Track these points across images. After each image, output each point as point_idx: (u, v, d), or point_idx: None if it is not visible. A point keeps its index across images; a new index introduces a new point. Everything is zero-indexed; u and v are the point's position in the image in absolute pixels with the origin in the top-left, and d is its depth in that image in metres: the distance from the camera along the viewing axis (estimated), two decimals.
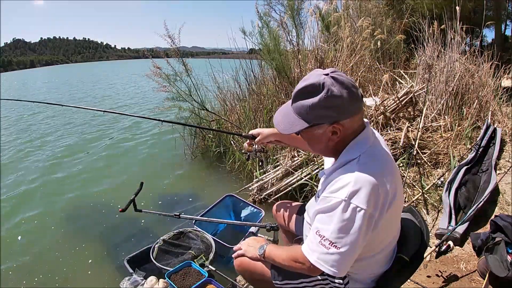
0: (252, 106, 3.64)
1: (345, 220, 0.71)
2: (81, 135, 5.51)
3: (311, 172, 2.55)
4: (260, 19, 3.49)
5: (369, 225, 0.73)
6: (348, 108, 0.74)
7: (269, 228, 1.45)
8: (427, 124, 3.05)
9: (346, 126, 0.76)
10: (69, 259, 2.16)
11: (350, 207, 0.71)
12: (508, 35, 8.45)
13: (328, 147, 0.81)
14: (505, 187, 2.25)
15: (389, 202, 0.75)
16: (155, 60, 3.45)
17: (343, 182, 0.73)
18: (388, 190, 0.74)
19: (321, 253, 0.75)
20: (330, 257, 0.74)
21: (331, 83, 0.72)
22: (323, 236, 0.74)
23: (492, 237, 1.55)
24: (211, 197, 2.82)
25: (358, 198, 0.70)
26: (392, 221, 0.82)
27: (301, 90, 0.76)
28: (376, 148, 0.80)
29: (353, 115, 0.76)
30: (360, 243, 0.73)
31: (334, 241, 0.73)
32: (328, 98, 0.72)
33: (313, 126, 0.77)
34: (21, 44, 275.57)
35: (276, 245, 1.02)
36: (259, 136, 1.24)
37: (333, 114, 0.74)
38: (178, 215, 1.58)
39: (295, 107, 0.78)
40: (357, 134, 0.79)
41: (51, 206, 2.98)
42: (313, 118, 0.76)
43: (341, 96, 0.72)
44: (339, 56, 3.59)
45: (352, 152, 0.78)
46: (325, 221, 0.75)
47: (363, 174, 0.72)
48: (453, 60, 3.36)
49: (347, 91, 0.72)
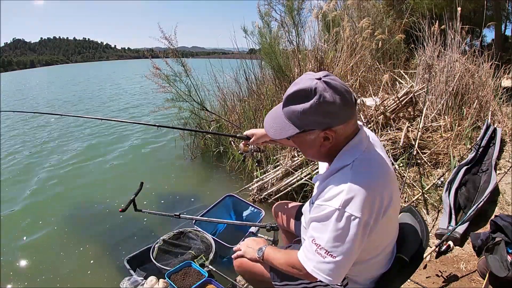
0: (252, 106, 3.64)
1: (340, 229, 0.70)
2: (81, 136, 5.51)
3: (311, 172, 2.55)
4: (261, 19, 3.50)
5: (364, 233, 0.71)
6: (341, 114, 0.72)
7: (269, 228, 1.45)
8: (427, 124, 3.05)
9: (339, 132, 0.74)
10: (69, 259, 2.17)
11: (345, 216, 0.69)
12: (508, 35, 8.46)
13: (320, 152, 0.79)
14: (505, 187, 2.25)
15: (385, 207, 0.74)
16: (154, 60, 3.44)
17: (336, 190, 0.72)
18: (383, 195, 0.73)
19: (317, 262, 0.74)
20: (326, 266, 0.73)
21: (323, 89, 0.69)
22: (319, 245, 0.73)
23: (492, 237, 1.55)
24: (211, 197, 2.82)
25: (352, 206, 0.69)
26: (388, 225, 0.81)
27: (292, 94, 0.73)
28: (371, 152, 0.78)
29: (346, 121, 0.73)
30: (356, 251, 0.73)
31: (329, 250, 0.72)
32: (320, 104, 0.69)
33: (304, 132, 0.74)
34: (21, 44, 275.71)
35: (275, 247, 1.01)
36: (253, 137, 1.25)
37: (325, 120, 0.71)
38: (178, 215, 1.58)
39: (286, 112, 0.75)
40: (351, 138, 0.77)
41: (51, 206, 2.98)
42: (304, 124, 0.73)
43: (334, 102, 0.69)
44: (339, 56, 3.59)
45: (346, 158, 0.76)
46: (320, 230, 0.73)
47: (357, 181, 0.70)
48: (453, 60, 3.36)
49: (340, 96, 0.70)
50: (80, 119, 6.81)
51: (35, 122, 6.87)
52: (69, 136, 5.55)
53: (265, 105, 3.51)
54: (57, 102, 10.26)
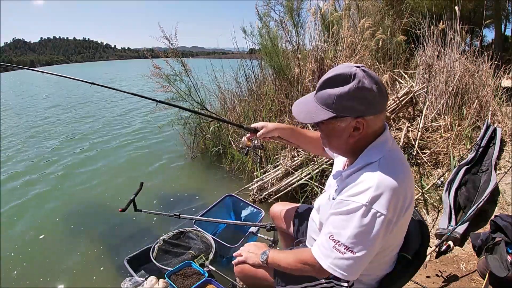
0: (252, 106, 3.64)
1: (364, 225, 0.69)
2: (81, 136, 5.51)
3: (311, 172, 2.55)
4: (260, 19, 3.50)
5: (386, 231, 0.71)
6: (376, 104, 0.72)
7: (269, 228, 1.45)
8: (427, 124, 3.05)
9: (369, 124, 0.73)
10: (69, 259, 2.16)
11: (371, 213, 0.68)
12: (508, 35, 8.45)
13: (347, 144, 0.77)
14: (505, 187, 2.25)
15: (406, 207, 0.74)
16: (155, 60, 3.44)
17: (364, 186, 0.71)
18: (406, 195, 0.73)
19: (335, 258, 0.73)
20: (345, 262, 0.72)
21: (362, 75, 0.70)
22: (338, 241, 0.72)
23: (492, 237, 1.55)
24: (211, 197, 2.82)
25: (380, 203, 0.68)
26: (404, 225, 0.81)
27: (330, 78, 0.73)
28: (395, 152, 0.77)
29: (379, 112, 0.74)
30: (376, 249, 0.72)
31: (349, 246, 0.71)
32: (358, 89, 0.69)
33: (336, 118, 0.73)
34: (21, 44, 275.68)
35: (278, 249, 1.00)
36: (263, 129, 1.16)
37: (360, 107, 0.71)
38: (178, 215, 1.58)
39: (320, 97, 0.75)
40: (377, 136, 0.77)
41: (52, 206, 2.98)
42: (338, 108, 0.72)
43: (371, 90, 0.69)
44: (339, 56, 3.59)
45: (372, 154, 0.75)
46: (341, 226, 0.72)
47: (385, 179, 0.70)
48: (453, 60, 3.36)
49: (376, 86, 0.70)
50: (81, 119, 6.84)
51: (36, 122, 6.88)
52: (69, 136, 5.55)
53: (265, 105, 3.51)
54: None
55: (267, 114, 3.39)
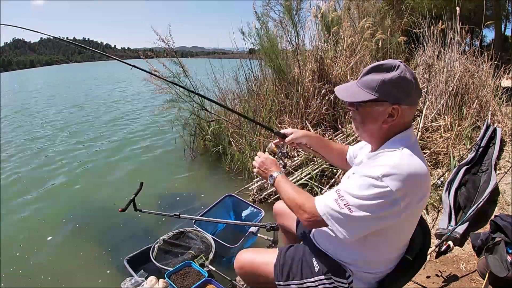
0: (252, 106, 3.64)
1: (370, 194, 0.73)
2: (81, 136, 5.51)
3: (311, 172, 2.55)
4: (258, 20, 3.49)
5: (389, 210, 0.73)
6: (412, 95, 0.79)
7: (269, 228, 1.45)
8: (427, 124, 3.05)
9: (403, 113, 0.79)
10: (69, 259, 2.16)
11: (380, 184, 0.72)
12: (508, 35, 8.46)
13: (380, 129, 0.82)
14: (505, 187, 2.25)
15: (418, 200, 0.76)
16: (152, 61, 3.42)
17: (382, 162, 0.76)
18: (421, 186, 0.76)
19: (332, 209, 0.78)
20: (339, 216, 0.77)
21: (404, 68, 0.77)
22: (342, 196, 0.77)
23: (492, 237, 1.55)
24: (211, 197, 2.82)
25: (391, 179, 0.71)
26: (413, 220, 0.84)
27: (374, 67, 0.80)
28: (416, 148, 0.81)
29: (413, 104, 0.80)
30: (372, 222, 0.75)
31: (350, 205, 0.75)
32: (400, 78, 0.76)
33: (376, 101, 0.78)
34: (21, 44, 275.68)
35: (287, 179, 1.00)
36: (293, 134, 1.15)
37: (399, 95, 0.77)
38: (178, 215, 1.58)
39: (363, 81, 0.81)
40: (406, 128, 0.82)
41: (51, 206, 2.98)
42: (380, 92, 0.78)
43: (411, 82, 0.77)
44: (339, 56, 3.59)
45: (397, 143, 0.80)
46: (349, 186, 0.77)
47: (402, 164, 0.74)
48: (453, 60, 3.36)
49: (415, 80, 0.78)
50: (80, 120, 6.84)
51: (35, 122, 6.87)
52: (70, 136, 5.55)
53: (265, 105, 3.51)
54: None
55: (267, 114, 3.39)
